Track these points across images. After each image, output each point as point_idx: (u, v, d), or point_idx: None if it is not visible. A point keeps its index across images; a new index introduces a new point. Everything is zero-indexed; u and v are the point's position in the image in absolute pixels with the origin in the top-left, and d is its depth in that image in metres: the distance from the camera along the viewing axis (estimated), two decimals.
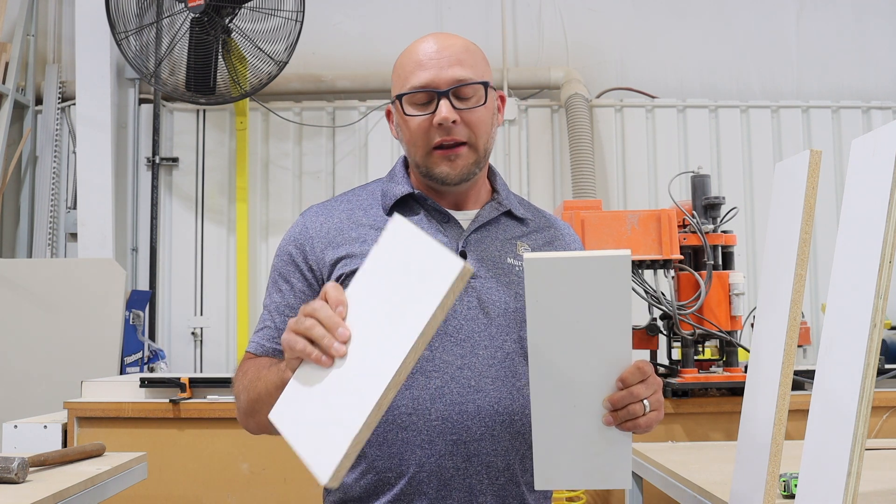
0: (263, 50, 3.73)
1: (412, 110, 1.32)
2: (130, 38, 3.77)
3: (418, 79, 1.30)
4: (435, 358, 1.27)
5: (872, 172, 1.05)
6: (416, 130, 1.32)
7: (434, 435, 1.26)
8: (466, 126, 1.31)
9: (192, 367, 4.20)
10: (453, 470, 1.26)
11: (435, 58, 1.31)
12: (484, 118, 1.33)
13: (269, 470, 2.56)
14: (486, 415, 1.27)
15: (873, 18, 4.52)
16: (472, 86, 1.31)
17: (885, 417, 2.42)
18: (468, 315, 1.29)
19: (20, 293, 3.71)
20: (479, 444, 1.27)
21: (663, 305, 2.47)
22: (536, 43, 4.47)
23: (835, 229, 1.16)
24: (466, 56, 1.33)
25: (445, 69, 1.30)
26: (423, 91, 1.30)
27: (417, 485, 1.26)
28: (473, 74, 1.32)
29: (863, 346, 1.01)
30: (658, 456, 1.94)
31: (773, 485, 1.20)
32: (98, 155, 4.08)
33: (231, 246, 4.26)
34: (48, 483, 1.61)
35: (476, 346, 1.29)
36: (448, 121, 1.28)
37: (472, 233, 1.35)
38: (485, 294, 1.31)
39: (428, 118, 1.30)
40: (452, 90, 1.30)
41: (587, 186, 3.94)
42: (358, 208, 1.40)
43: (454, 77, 1.30)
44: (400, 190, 1.38)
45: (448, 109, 1.28)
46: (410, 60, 1.33)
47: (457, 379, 1.27)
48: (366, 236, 1.34)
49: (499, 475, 1.28)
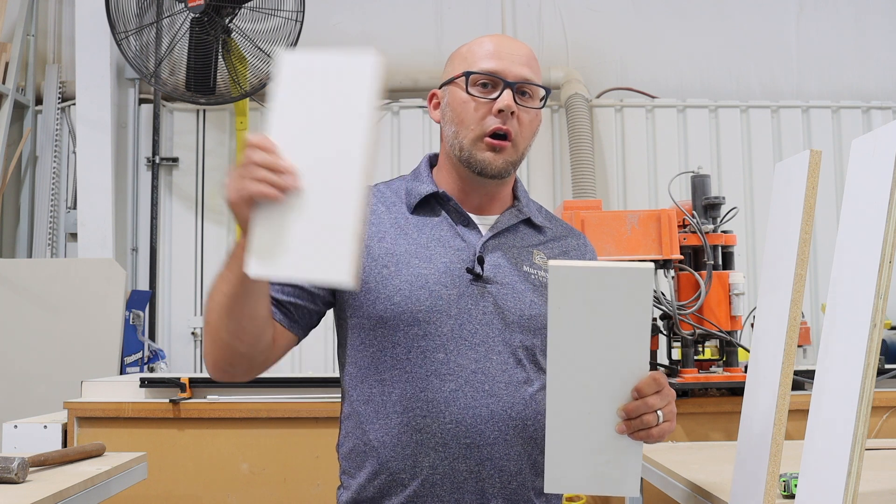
0: (263, 50, 3.73)
1: (476, 91, 1.35)
2: (130, 38, 3.77)
3: (490, 64, 1.35)
4: (450, 361, 1.28)
5: (872, 172, 1.05)
6: (474, 112, 1.34)
7: (448, 438, 1.27)
8: (519, 124, 1.35)
9: (192, 367, 4.20)
10: (466, 473, 1.27)
11: (507, 52, 1.36)
12: (534, 122, 1.39)
13: (269, 470, 2.56)
14: (500, 419, 1.28)
15: (873, 18, 4.52)
16: (535, 87, 1.37)
17: (885, 417, 2.42)
18: (484, 320, 1.30)
19: (20, 293, 3.71)
20: (491, 448, 1.28)
21: (663, 305, 2.47)
22: (536, 43, 4.46)
23: (835, 229, 1.16)
24: (534, 63, 1.39)
25: (516, 65, 1.35)
26: (493, 75, 1.34)
27: (430, 487, 1.27)
28: (537, 80, 1.38)
29: (863, 346, 1.01)
30: (658, 456, 1.94)
31: (773, 485, 1.20)
32: (98, 155, 4.08)
33: (231, 246, 4.25)
34: (48, 483, 1.61)
35: (490, 350, 1.30)
36: (509, 109, 1.32)
37: (491, 238, 1.37)
38: (501, 300, 1.32)
39: (488, 103, 1.34)
40: (518, 85, 1.35)
41: (587, 186, 3.94)
42: (380, 203, 1.41)
43: (522, 75, 1.35)
44: (425, 189, 1.39)
45: (511, 98, 1.33)
46: (483, 48, 1.38)
47: (471, 383, 1.28)
48: (385, 234, 1.36)
49: (511, 480, 1.29)
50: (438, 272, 1.31)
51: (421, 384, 1.28)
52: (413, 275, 1.31)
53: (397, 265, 1.32)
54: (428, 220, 1.38)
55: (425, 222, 1.37)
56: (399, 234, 1.36)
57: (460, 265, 1.33)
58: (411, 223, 1.37)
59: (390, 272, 1.32)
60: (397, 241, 1.35)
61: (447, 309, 1.30)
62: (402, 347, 1.30)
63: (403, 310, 1.29)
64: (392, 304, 1.30)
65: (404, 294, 1.30)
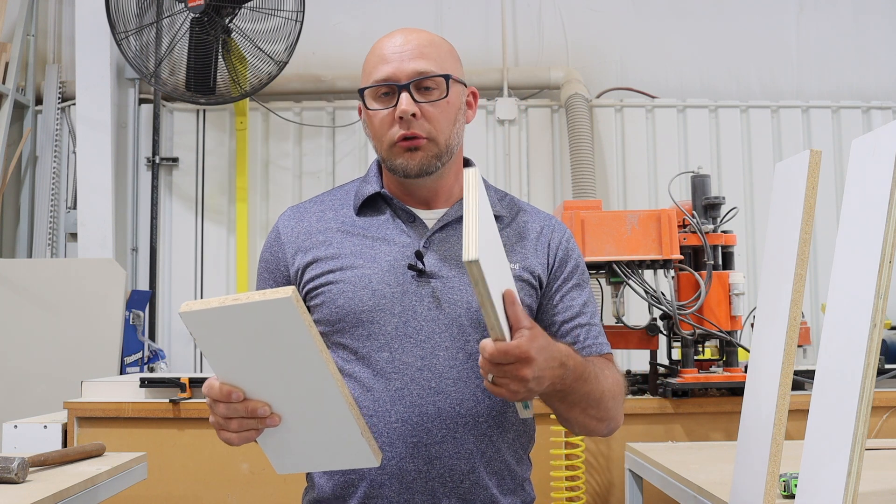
0: (263, 50, 3.73)
1: (375, 104, 1.32)
2: (130, 38, 3.77)
3: (380, 72, 1.31)
4: (395, 360, 1.27)
5: (872, 172, 1.05)
6: (380, 125, 1.32)
7: (394, 437, 1.25)
8: (427, 120, 1.30)
9: (192, 367, 4.20)
10: (415, 473, 1.25)
11: (398, 51, 1.31)
12: (445, 112, 1.32)
13: (269, 470, 2.55)
14: (448, 417, 1.26)
15: (873, 18, 4.52)
16: (433, 79, 1.30)
17: (885, 417, 2.42)
18: (428, 316, 1.28)
19: (20, 293, 3.71)
20: (440, 446, 1.26)
21: (663, 305, 2.47)
22: (536, 43, 4.47)
23: (835, 229, 1.16)
24: (430, 49, 1.32)
25: (407, 62, 1.30)
26: (384, 84, 1.30)
27: (379, 487, 1.26)
28: (436, 67, 1.31)
29: (863, 346, 1.01)
30: (658, 456, 1.94)
31: (773, 485, 1.20)
32: (98, 155, 4.08)
33: (231, 246, 4.26)
34: (48, 483, 1.61)
35: (437, 347, 1.27)
36: (407, 113, 1.28)
37: (436, 232, 1.34)
38: (445, 294, 1.29)
39: (390, 112, 1.30)
40: (413, 83, 1.29)
41: (587, 186, 3.93)
42: (329, 209, 1.40)
43: (415, 70, 1.30)
44: (369, 189, 1.38)
45: (408, 102, 1.28)
46: (374, 55, 1.34)
47: (417, 381, 1.26)
48: (331, 240, 1.35)
49: (463, 478, 1.27)
50: (382, 271, 1.30)
51: (367, 384, 1.27)
52: (356, 276, 1.30)
53: (342, 268, 1.32)
54: (373, 220, 1.37)
55: (370, 222, 1.37)
56: (344, 237, 1.35)
57: (404, 262, 1.31)
58: (357, 225, 1.36)
59: (335, 276, 1.31)
60: (343, 244, 1.34)
61: (391, 307, 1.28)
62: (349, 349, 1.30)
63: (347, 311, 1.29)
64: (336, 307, 1.30)
65: (348, 296, 1.29)
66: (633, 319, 2.60)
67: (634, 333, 2.57)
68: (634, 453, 2.08)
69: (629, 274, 2.48)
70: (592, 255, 2.46)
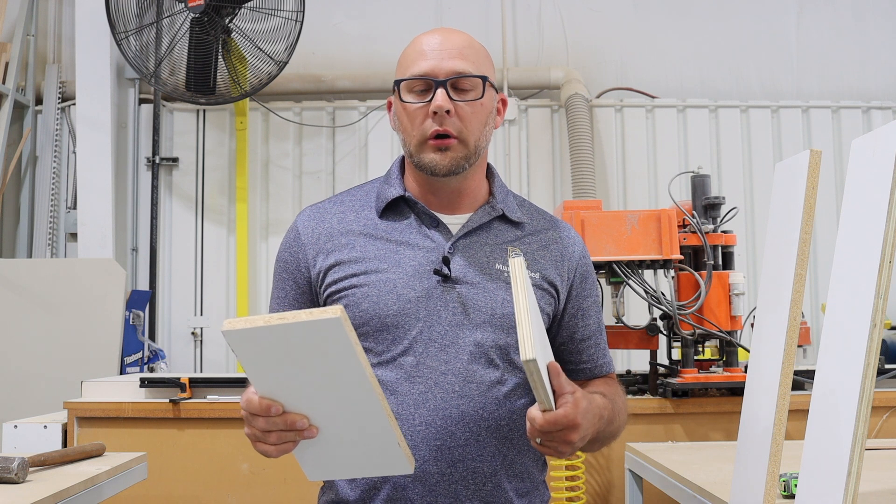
0: (263, 50, 3.73)
1: (410, 98, 1.33)
2: (130, 38, 3.77)
3: (419, 67, 1.32)
4: (419, 364, 1.28)
5: (872, 172, 1.05)
6: (412, 118, 1.33)
7: (418, 440, 1.26)
8: (460, 119, 1.31)
9: (192, 367, 4.20)
10: (438, 475, 1.26)
11: (437, 49, 1.32)
12: (478, 113, 1.33)
13: (269, 470, 2.56)
14: (471, 420, 1.27)
15: (873, 18, 4.52)
16: (470, 79, 1.32)
17: (885, 417, 2.42)
18: (453, 321, 1.29)
19: (20, 293, 3.71)
20: (463, 449, 1.27)
21: (663, 305, 2.47)
22: (536, 43, 4.47)
23: (835, 229, 1.16)
24: (469, 51, 1.34)
25: (446, 60, 1.31)
26: (422, 79, 1.31)
27: (402, 490, 1.27)
28: (473, 69, 1.33)
29: (863, 346, 1.01)
30: (658, 456, 1.94)
31: (773, 485, 1.20)
32: (98, 155, 4.09)
33: (231, 246, 4.26)
34: (48, 483, 1.61)
35: (461, 351, 1.28)
36: (442, 109, 1.29)
37: (461, 238, 1.35)
38: (470, 300, 1.31)
39: (424, 107, 1.31)
40: (450, 81, 1.31)
41: (587, 186, 3.94)
42: (350, 210, 1.40)
43: (453, 69, 1.31)
44: (392, 192, 1.38)
45: (444, 98, 1.30)
46: (414, 50, 1.35)
47: (440, 385, 1.27)
48: (354, 243, 1.35)
49: (485, 481, 1.28)
50: (407, 276, 1.31)
51: (391, 387, 1.28)
52: (381, 280, 1.30)
53: (366, 272, 1.32)
54: (396, 224, 1.37)
55: (394, 226, 1.36)
56: (368, 240, 1.35)
57: (429, 267, 1.31)
58: (380, 228, 1.36)
59: (359, 280, 1.31)
60: (366, 249, 1.34)
61: (415, 312, 1.29)
62: (373, 353, 1.30)
63: (372, 316, 1.29)
64: (360, 311, 1.30)
65: (372, 300, 1.30)
66: (633, 319, 2.60)
67: (634, 333, 2.57)
68: (634, 453, 2.08)
69: (629, 274, 2.48)
70: (592, 255, 2.45)
